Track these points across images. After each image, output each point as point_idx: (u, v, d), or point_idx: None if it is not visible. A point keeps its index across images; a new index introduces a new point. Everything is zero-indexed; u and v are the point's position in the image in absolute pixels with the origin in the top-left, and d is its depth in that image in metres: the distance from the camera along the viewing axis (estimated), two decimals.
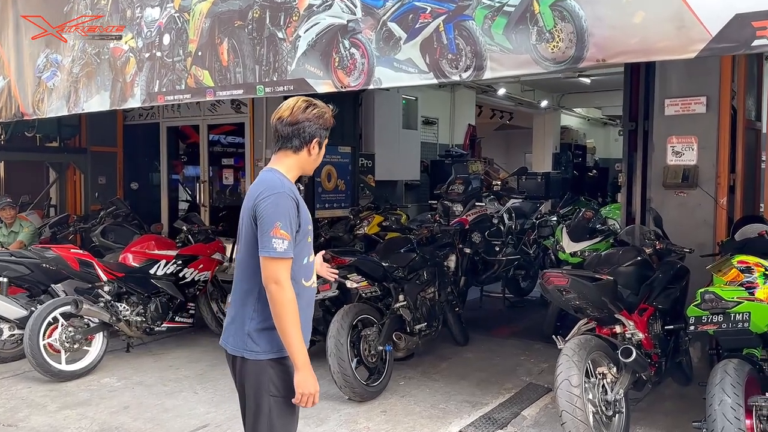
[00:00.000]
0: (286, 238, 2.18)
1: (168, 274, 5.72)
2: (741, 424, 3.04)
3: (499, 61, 3.14)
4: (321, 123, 2.35)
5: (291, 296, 2.20)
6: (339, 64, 3.73)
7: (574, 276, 3.71)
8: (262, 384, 2.28)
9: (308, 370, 2.22)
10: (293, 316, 2.20)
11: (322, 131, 2.36)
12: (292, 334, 2.20)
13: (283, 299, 2.19)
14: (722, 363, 3.30)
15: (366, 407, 4.42)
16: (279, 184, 2.26)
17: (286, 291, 2.20)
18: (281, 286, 2.19)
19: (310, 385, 2.22)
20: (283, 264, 2.20)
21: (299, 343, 2.21)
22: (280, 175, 2.31)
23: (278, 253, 2.17)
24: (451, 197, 7.10)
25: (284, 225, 2.19)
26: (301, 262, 2.32)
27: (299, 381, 2.22)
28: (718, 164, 5.03)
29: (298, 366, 2.22)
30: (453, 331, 5.79)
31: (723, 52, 2.63)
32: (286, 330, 2.19)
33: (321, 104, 2.39)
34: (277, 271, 2.19)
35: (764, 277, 3.48)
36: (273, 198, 2.21)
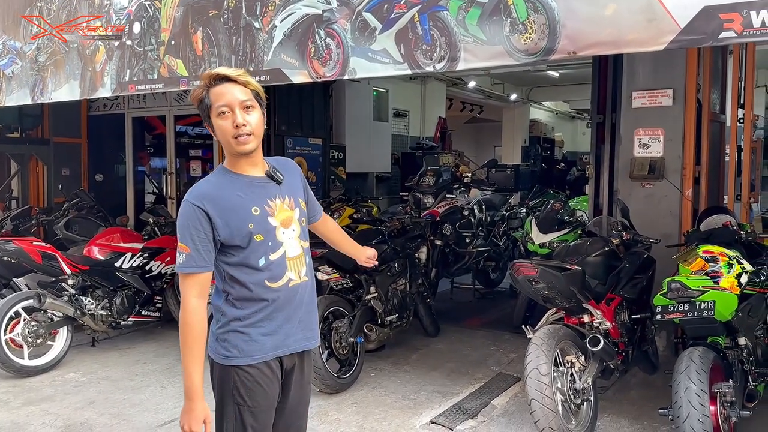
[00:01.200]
0: (182, 251, 2.05)
1: (134, 267, 5.61)
2: (706, 410, 3.12)
3: (473, 52, 3.14)
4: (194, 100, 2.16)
5: (193, 316, 2.05)
6: (315, 54, 3.69)
7: (543, 266, 3.74)
8: (225, 388, 2.17)
9: (194, 402, 2.05)
10: (189, 336, 2.04)
11: (201, 112, 2.14)
12: (187, 356, 2.05)
13: (184, 317, 2.06)
14: (688, 351, 3.37)
15: (337, 399, 4.41)
16: (189, 190, 2.13)
17: (187, 308, 2.05)
18: (183, 303, 2.07)
19: (191, 419, 2.06)
20: (184, 279, 2.07)
21: (193, 368, 2.04)
22: (211, 174, 2.22)
23: (176, 267, 2.09)
24: (422, 189, 7.11)
25: (181, 237, 2.07)
26: (257, 265, 2.11)
27: (183, 410, 2.09)
28: (683, 156, 5.13)
29: (186, 395, 2.08)
30: (424, 323, 5.81)
31: (691, 44, 2.67)
32: (182, 350, 2.06)
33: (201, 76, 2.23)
34: (181, 286, 2.08)
35: (728, 266, 3.57)
36: (180, 209, 2.12)
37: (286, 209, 2.19)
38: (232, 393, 2.15)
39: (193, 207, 2.06)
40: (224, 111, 2.07)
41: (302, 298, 2.23)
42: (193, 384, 2.05)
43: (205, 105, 2.10)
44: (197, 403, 2.06)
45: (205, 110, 2.10)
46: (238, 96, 2.07)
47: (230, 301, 2.14)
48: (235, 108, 2.06)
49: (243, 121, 2.06)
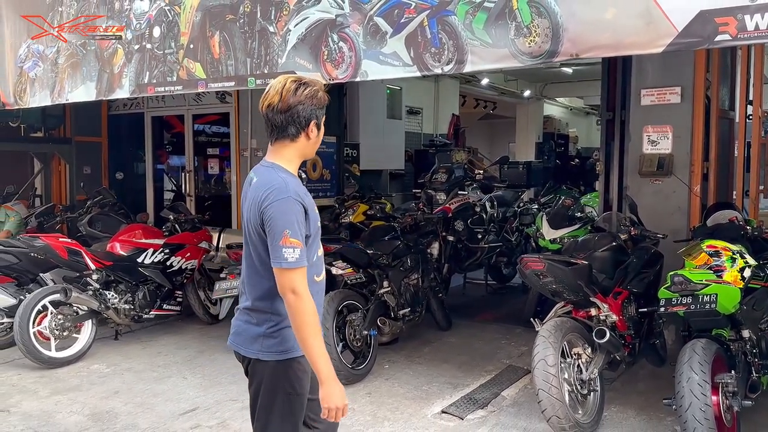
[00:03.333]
0: (297, 246, 2.07)
1: (155, 263, 5.79)
2: (708, 399, 3.22)
3: (479, 55, 3.26)
4: (315, 103, 2.18)
5: (310, 307, 2.10)
6: (328, 57, 3.83)
7: (550, 261, 3.85)
8: (279, 382, 2.24)
9: (333, 382, 2.12)
10: (313, 327, 2.10)
11: (318, 111, 2.20)
12: (314, 346, 2.10)
13: (302, 310, 2.09)
14: (691, 342, 3.47)
15: (351, 390, 4.55)
16: (283, 187, 2.13)
17: (305, 301, 2.09)
18: (299, 296, 2.09)
19: (337, 399, 2.12)
20: (298, 273, 2.10)
21: (322, 354, 2.10)
22: (284, 173, 2.19)
23: (290, 263, 2.07)
24: (434, 186, 7.22)
25: (293, 233, 2.08)
26: (312, 260, 2.22)
27: (324, 395, 2.12)
28: (692, 153, 5.19)
29: (322, 379, 2.11)
30: (436, 317, 5.93)
31: (688, 46, 2.76)
32: (307, 341, 2.10)
33: (312, 81, 2.22)
34: (293, 281, 2.09)
35: (731, 260, 3.65)
36: (278, 204, 2.10)
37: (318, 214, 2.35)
38: (284, 385, 2.25)
39: (298, 203, 2.13)
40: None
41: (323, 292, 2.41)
42: (329, 367, 2.12)
43: (324, 109, 2.25)
44: (338, 383, 2.14)
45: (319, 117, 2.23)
46: None
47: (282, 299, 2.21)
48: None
49: None
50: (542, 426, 3.75)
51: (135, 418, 4.13)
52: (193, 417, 4.14)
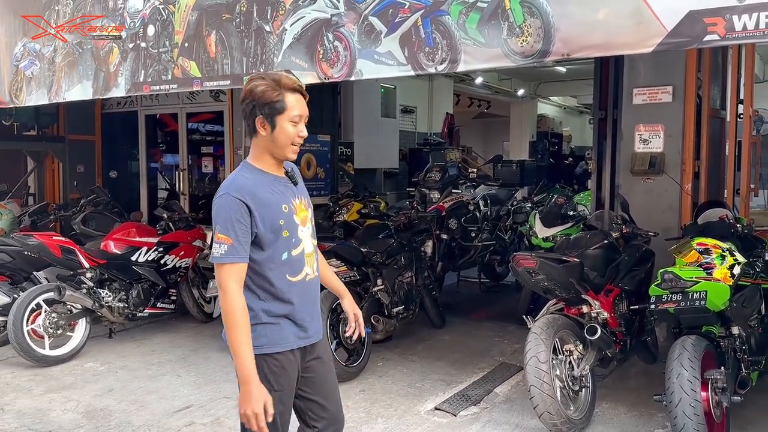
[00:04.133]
0: (224, 242, 2.10)
1: (149, 261, 5.79)
2: (697, 395, 3.25)
3: (472, 54, 3.29)
4: (255, 97, 2.15)
5: (235, 304, 2.11)
6: (323, 56, 3.86)
7: (542, 258, 3.88)
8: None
9: (251, 386, 2.08)
10: (236, 323, 2.10)
11: (259, 108, 2.15)
12: (236, 343, 2.10)
13: (226, 306, 2.12)
14: (681, 339, 3.51)
15: (345, 387, 4.56)
16: (228, 183, 2.19)
17: (227, 298, 2.11)
18: (224, 292, 2.12)
19: (252, 404, 2.07)
20: (225, 269, 2.12)
21: (243, 352, 2.09)
22: (242, 169, 2.23)
23: (216, 258, 2.12)
24: (428, 184, 7.25)
25: (223, 228, 2.11)
26: (280, 259, 2.21)
27: (241, 397, 2.11)
28: (683, 151, 5.24)
29: (241, 381, 2.10)
30: (430, 315, 5.96)
31: (678, 46, 2.79)
32: (230, 338, 2.11)
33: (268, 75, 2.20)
34: (219, 277, 2.13)
35: (721, 258, 3.69)
36: (216, 200, 2.16)
37: (304, 209, 2.32)
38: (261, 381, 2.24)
39: (236, 200, 2.13)
40: (296, 120, 2.19)
41: (316, 292, 2.39)
42: (247, 368, 2.10)
43: (276, 106, 2.16)
44: (255, 387, 2.09)
45: (274, 110, 2.16)
46: (306, 111, 2.25)
47: (255, 294, 2.23)
48: (303, 120, 2.23)
49: (305, 134, 2.25)
50: (534, 422, 3.78)
51: (129, 416, 4.14)
52: (187, 414, 4.16)
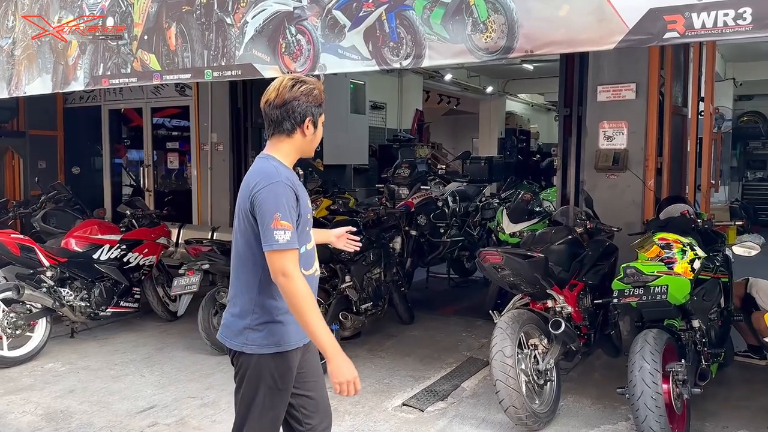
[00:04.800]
0: (288, 229, 2.10)
1: (112, 259, 5.67)
2: (658, 388, 3.31)
3: (437, 49, 3.28)
4: (311, 100, 2.23)
5: (303, 287, 2.13)
6: (285, 50, 3.80)
7: (508, 254, 3.91)
8: (262, 376, 2.25)
9: (340, 357, 2.14)
10: (311, 306, 2.13)
11: (313, 108, 2.24)
12: (315, 324, 2.12)
13: (296, 291, 2.11)
14: (643, 333, 3.57)
15: None
16: (274, 172, 2.17)
17: (297, 282, 2.12)
18: (290, 278, 2.11)
19: (346, 372, 2.14)
20: (289, 255, 2.12)
21: (324, 331, 2.13)
22: (276, 163, 2.23)
23: (281, 245, 2.10)
24: (397, 181, 7.26)
25: (284, 215, 2.11)
26: (300, 251, 2.22)
27: (333, 370, 2.14)
28: (646, 148, 5.33)
29: (328, 356, 2.13)
30: (399, 311, 5.96)
31: (639, 43, 2.83)
32: (308, 320, 2.12)
33: (310, 80, 2.27)
34: (284, 263, 2.11)
35: (682, 253, 3.77)
36: (269, 188, 2.13)
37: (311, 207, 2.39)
38: (266, 379, 2.25)
39: (289, 188, 2.16)
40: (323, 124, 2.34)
41: (316, 289, 2.42)
42: (332, 344, 2.14)
43: (321, 108, 2.29)
44: (343, 359, 2.15)
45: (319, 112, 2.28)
46: None
47: (269, 292, 2.24)
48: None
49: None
50: (500, 417, 3.81)
51: (90, 417, 4.05)
52: (150, 415, 4.08)
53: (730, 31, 2.56)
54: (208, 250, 5.26)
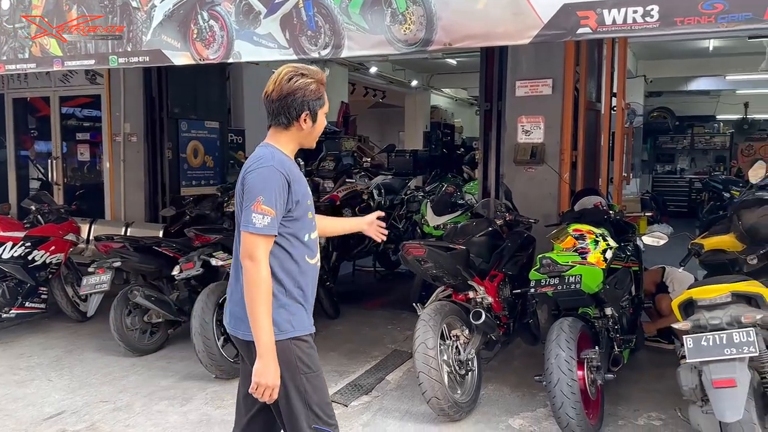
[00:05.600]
0: (268, 214, 2.07)
1: (15, 257, 5.31)
2: (574, 375, 3.41)
3: (356, 40, 3.23)
4: (309, 94, 2.19)
5: (266, 277, 2.09)
6: (197, 36, 3.64)
7: (430, 246, 3.93)
8: (290, 364, 2.19)
9: (272, 360, 2.10)
10: (265, 298, 2.09)
11: (311, 102, 2.20)
12: (262, 317, 2.08)
13: (257, 278, 2.07)
14: (558, 321, 3.67)
15: (233, 384, 4.35)
16: (269, 156, 2.15)
17: (260, 269, 2.08)
18: (256, 263, 2.07)
19: (270, 376, 2.10)
20: (262, 240, 2.08)
21: (268, 329, 2.09)
22: (273, 149, 2.20)
23: (256, 228, 2.06)
24: (321, 174, 7.18)
25: (267, 200, 2.07)
26: (304, 239, 2.22)
27: (259, 369, 2.10)
28: (562, 142, 5.50)
29: (260, 352, 2.09)
30: (324, 305, 5.90)
31: (553, 38, 2.88)
32: (255, 310, 2.08)
33: (310, 71, 2.22)
34: (254, 247, 2.07)
35: (595, 243, 3.90)
36: (259, 171, 2.11)
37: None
38: (296, 364, 2.20)
39: (279, 173, 2.11)
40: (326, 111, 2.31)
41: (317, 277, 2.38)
42: (270, 340, 2.09)
43: (320, 101, 2.24)
44: (274, 360, 2.11)
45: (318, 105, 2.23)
46: None
47: (286, 274, 2.19)
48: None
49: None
50: (423, 408, 3.83)
51: None
52: (58, 421, 3.85)
53: (638, 28, 2.65)
54: (120, 246, 5.01)
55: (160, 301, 4.94)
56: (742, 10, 2.41)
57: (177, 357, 4.98)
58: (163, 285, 5.14)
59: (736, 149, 16.36)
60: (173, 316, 4.99)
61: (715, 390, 2.85)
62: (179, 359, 4.92)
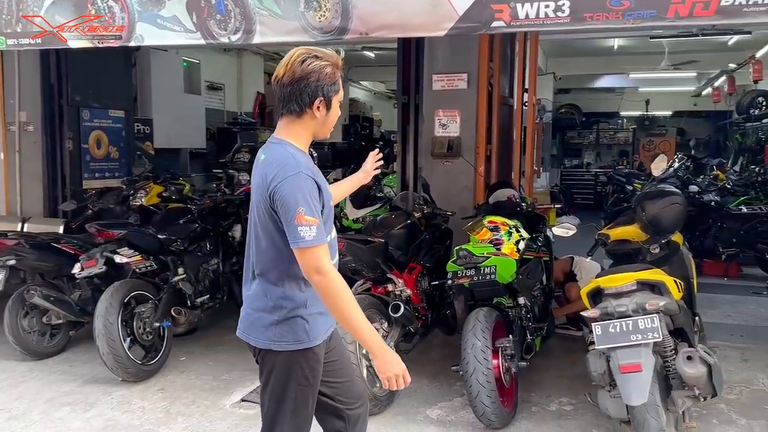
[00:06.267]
0: (312, 224, 1.96)
1: None
2: (489, 364, 3.47)
3: (269, 26, 3.11)
4: (323, 78, 2.03)
5: (340, 282, 2.01)
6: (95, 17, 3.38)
7: (349, 240, 3.89)
8: (292, 373, 2.14)
9: (386, 352, 2.09)
10: (350, 302, 2.02)
11: (325, 87, 2.05)
12: (357, 321, 2.02)
13: (333, 287, 2.00)
14: (474, 312, 3.72)
15: (141, 387, 4.21)
16: (293, 162, 2.01)
17: (332, 278, 1.99)
18: (324, 275, 1.98)
19: (394, 367, 2.09)
20: (318, 251, 1.98)
21: (368, 328, 2.05)
22: (292, 149, 2.07)
23: (308, 242, 1.96)
24: (237, 166, 6.95)
25: (307, 210, 1.96)
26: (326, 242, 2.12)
27: (381, 366, 2.08)
28: (477, 136, 5.58)
29: (374, 352, 2.07)
30: (239, 302, 5.70)
31: (468, 31, 2.89)
32: (348, 317, 2.01)
33: (325, 53, 2.07)
34: (315, 260, 1.98)
35: (509, 234, 3.99)
36: (289, 181, 1.97)
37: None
38: (297, 376, 2.15)
39: (310, 179, 2.02)
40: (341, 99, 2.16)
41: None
42: (378, 338, 2.08)
43: (335, 87, 2.09)
44: (390, 353, 2.10)
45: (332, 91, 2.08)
46: None
47: (297, 284, 2.12)
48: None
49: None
50: None
51: None
52: None
53: (550, 23, 2.70)
54: (15, 244, 4.64)
55: (60, 301, 4.63)
56: (647, 8, 2.51)
57: (80, 360, 4.69)
58: (63, 284, 4.81)
59: (638, 144, 17.37)
60: (75, 316, 4.69)
61: (622, 375, 2.98)
62: (82, 362, 4.64)
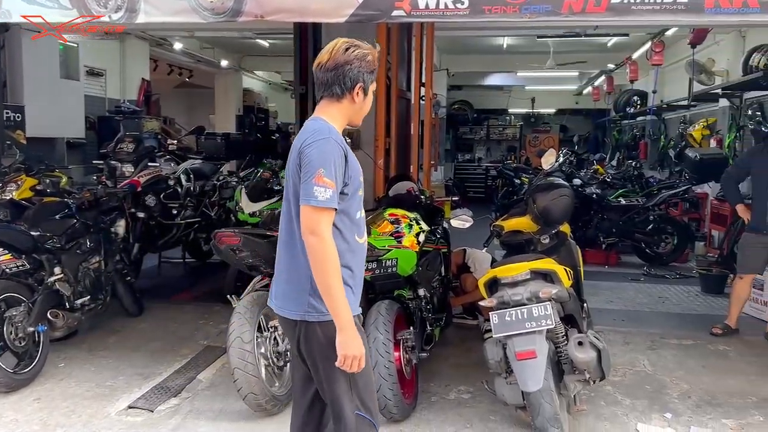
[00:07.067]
0: (329, 187, 2.02)
1: None
2: (391, 356, 3.46)
3: (154, 4, 2.89)
4: (364, 66, 2.16)
5: (331, 249, 2.04)
6: None
7: (246, 235, 3.74)
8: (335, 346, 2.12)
9: (352, 329, 2.09)
10: (335, 270, 2.05)
11: (366, 75, 2.17)
12: (337, 290, 2.05)
13: (324, 253, 2.03)
14: (376, 305, 3.70)
15: (15, 398, 3.83)
16: (326, 130, 2.11)
17: (326, 243, 2.03)
18: (320, 238, 2.03)
19: (355, 347, 2.08)
20: (325, 214, 2.04)
21: (344, 300, 2.07)
22: (327, 123, 2.16)
23: (319, 201, 2.01)
24: (119, 157, 6.53)
25: (328, 172, 2.02)
26: (354, 217, 2.20)
27: (342, 342, 2.07)
28: (376, 129, 5.57)
29: (341, 325, 2.07)
30: (124, 302, 5.37)
31: (369, 18, 2.84)
32: (329, 284, 2.04)
33: (364, 45, 2.21)
34: (317, 221, 2.03)
35: (409, 227, 4.00)
36: (318, 144, 2.06)
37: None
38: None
39: (338, 146, 2.09)
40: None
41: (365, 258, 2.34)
42: (348, 313, 2.08)
43: (374, 75, 2.22)
44: (356, 332, 2.10)
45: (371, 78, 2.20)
46: None
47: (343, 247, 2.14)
48: None
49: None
50: (239, 405, 3.62)
51: None
52: None
53: (450, 14, 2.70)
54: None
55: None
56: (542, 2, 2.57)
57: None
58: None
59: (524, 140, 18.23)
60: None
61: (518, 362, 3.07)
62: None
